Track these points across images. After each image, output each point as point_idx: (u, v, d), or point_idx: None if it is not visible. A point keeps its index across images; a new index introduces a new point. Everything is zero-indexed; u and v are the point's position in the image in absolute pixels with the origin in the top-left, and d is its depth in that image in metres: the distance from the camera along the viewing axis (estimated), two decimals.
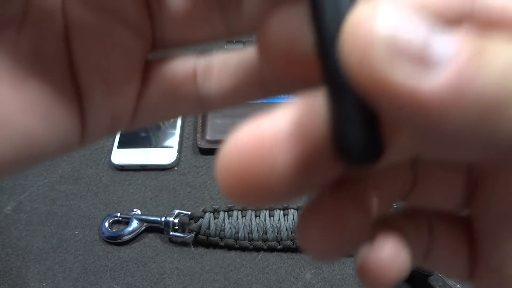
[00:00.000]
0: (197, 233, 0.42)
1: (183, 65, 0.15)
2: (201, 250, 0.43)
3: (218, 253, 0.43)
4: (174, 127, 0.52)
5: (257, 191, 0.10)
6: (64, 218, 0.46)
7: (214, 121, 0.52)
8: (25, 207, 0.46)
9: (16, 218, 0.46)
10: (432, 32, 0.07)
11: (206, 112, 0.14)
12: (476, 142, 0.08)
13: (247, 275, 0.42)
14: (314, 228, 0.11)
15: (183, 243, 0.43)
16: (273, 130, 0.10)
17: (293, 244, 0.42)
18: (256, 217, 0.43)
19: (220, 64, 0.15)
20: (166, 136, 0.51)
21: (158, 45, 0.15)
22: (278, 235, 0.42)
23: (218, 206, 0.44)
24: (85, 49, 0.13)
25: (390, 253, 0.13)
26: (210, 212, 0.43)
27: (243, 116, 0.39)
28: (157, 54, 0.15)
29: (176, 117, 0.15)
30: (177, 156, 0.50)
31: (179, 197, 0.47)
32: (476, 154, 0.08)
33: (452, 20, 0.08)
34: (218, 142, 0.50)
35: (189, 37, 0.15)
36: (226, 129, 0.51)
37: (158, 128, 0.52)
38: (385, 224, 0.13)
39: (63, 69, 0.13)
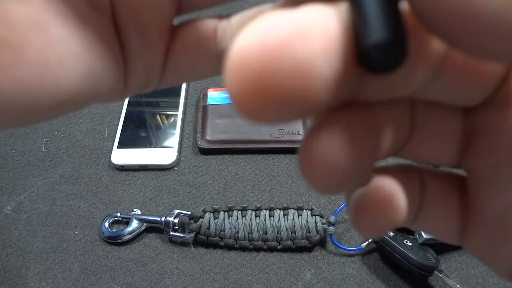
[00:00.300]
0: (197, 233, 0.42)
1: (205, 24, 0.16)
2: (201, 250, 0.43)
3: (218, 253, 0.43)
4: (174, 127, 0.52)
5: (274, 102, 0.09)
6: (64, 218, 0.46)
7: (214, 121, 0.52)
8: (25, 207, 0.46)
9: (16, 218, 0.46)
10: None
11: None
12: (504, 31, 0.08)
13: (247, 275, 0.42)
14: (325, 146, 0.10)
15: (183, 243, 0.43)
16: (301, 27, 0.09)
17: (293, 244, 0.42)
18: (256, 217, 0.43)
19: (238, 23, 0.15)
20: (166, 136, 0.51)
21: (184, 4, 0.16)
22: (278, 235, 0.42)
23: (218, 206, 0.44)
24: (126, 2, 0.15)
25: (388, 192, 0.12)
26: (210, 212, 0.43)
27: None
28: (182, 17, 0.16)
29: (199, 77, 0.16)
30: (177, 156, 0.50)
31: (179, 197, 0.47)
32: (500, 49, 0.08)
33: None
34: (218, 142, 0.50)
35: None
36: (226, 129, 0.51)
37: (158, 128, 0.52)
38: (382, 171, 0.13)
39: (109, 19, 0.15)
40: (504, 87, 0.11)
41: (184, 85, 0.57)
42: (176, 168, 0.50)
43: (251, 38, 0.08)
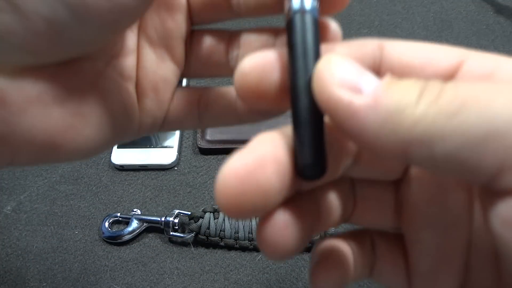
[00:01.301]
0: (197, 233, 0.42)
1: (192, 95, 0.21)
2: (201, 250, 0.43)
3: (218, 253, 0.43)
4: None
5: (247, 209, 0.14)
6: (64, 218, 0.46)
7: None
8: (25, 207, 0.46)
9: (16, 218, 0.46)
10: (360, 77, 0.13)
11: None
12: (383, 140, 0.12)
13: (247, 275, 0.42)
14: (276, 228, 0.15)
15: (183, 243, 0.43)
16: (258, 160, 0.14)
17: None
18: (256, 217, 0.43)
19: (245, 43, 0.20)
20: (166, 136, 0.51)
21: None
22: None
23: (218, 206, 0.44)
24: (146, 75, 0.20)
25: (339, 257, 0.16)
26: (210, 212, 0.43)
27: None
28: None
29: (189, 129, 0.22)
30: (177, 156, 0.50)
31: (179, 197, 0.47)
32: (385, 151, 0.13)
33: (370, 67, 0.15)
34: (218, 142, 0.50)
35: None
36: (226, 129, 0.51)
37: None
38: (337, 237, 0.17)
39: (133, 86, 0.20)
40: (411, 167, 0.16)
41: (184, 85, 0.57)
42: (176, 168, 0.50)
43: (228, 171, 0.13)
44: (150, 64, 0.20)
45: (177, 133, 0.51)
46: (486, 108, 0.11)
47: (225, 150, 0.51)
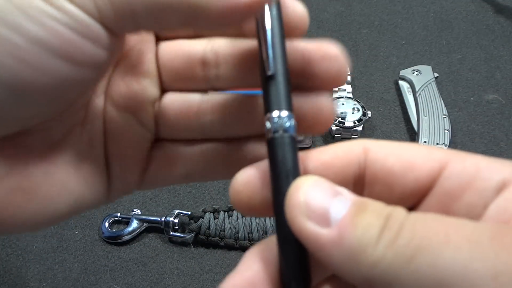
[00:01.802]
0: (197, 233, 0.42)
1: (174, 160, 0.21)
2: (201, 250, 0.43)
3: (218, 253, 0.43)
4: None
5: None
6: None
7: None
8: None
9: None
10: (330, 202, 0.13)
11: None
12: (348, 274, 0.13)
13: None
14: None
15: (183, 243, 0.43)
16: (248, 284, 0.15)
17: None
18: (256, 217, 0.43)
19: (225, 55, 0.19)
20: None
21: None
22: None
23: (218, 206, 0.44)
24: (115, 144, 0.20)
25: None
26: (210, 212, 0.43)
27: None
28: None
29: (172, 184, 0.23)
30: None
31: (179, 197, 0.47)
32: (353, 282, 0.13)
33: (355, 174, 0.16)
34: None
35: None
36: None
37: None
38: None
39: (102, 155, 0.20)
40: None
41: None
42: None
43: None
44: (117, 129, 0.19)
45: None
46: (436, 258, 0.12)
47: None
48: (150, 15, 0.15)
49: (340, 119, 0.50)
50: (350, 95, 0.54)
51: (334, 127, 0.50)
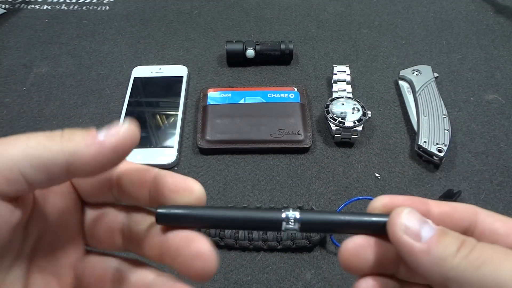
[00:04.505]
0: None
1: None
2: None
3: (218, 253, 0.43)
4: (174, 127, 0.52)
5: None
6: None
7: (214, 121, 0.52)
8: None
9: None
10: (421, 226, 0.19)
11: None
12: (431, 275, 0.18)
13: (247, 275, 0.42)
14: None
15: None
16: None
17: (293, 244, 0.42)
18: None
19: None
20: (166, 136, 0.51)
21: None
22: (278, 235, 0.42)
23: (218, 206, 0.44)
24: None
25: None
26: None
27: (242, 116, 0.40)
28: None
29: None
30: (177, 156, 0.50)
31: None
32: (432, 281, 0.18)
33: (465, 228, 0.20)
34: (218, 142, 0.50)
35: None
36: (226, 129, 0.51)
37: (158, 128, 0.52)
38: None
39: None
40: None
41: (184, 85, 0.57)
42: (176, 168, 0.50)
43: None
44: None
45: (177, 133, 0.51)
46: (497, 269, 0.17)
47: (225, 150, 0.51)
48: (39, 172, 0.17)
49: (340, 119, 0.50)
50: (350, 95, 0.54)
51: (334, 127, 0.50)
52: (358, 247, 0.20)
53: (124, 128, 0.18)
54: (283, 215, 0.20)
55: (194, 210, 0.21)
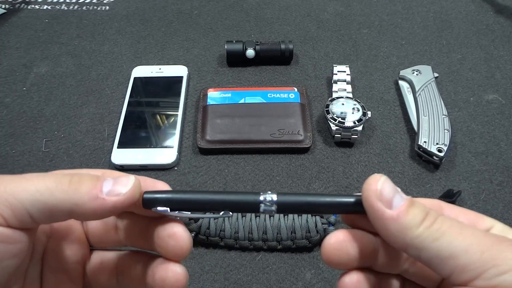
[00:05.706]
0: (197, 233, 0.42)
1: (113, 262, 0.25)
2: (201, 250, 0.43)
3: (218, 253, 0.43)
4: (174, 127, 0.52)
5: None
6: None
7: (214, 121, 0.52)
8: None
9: None
10: (394, 195, 0.20)
11: None
12: (395, 240, 0.20)
13: (247, 275, 0.42)
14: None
15: None
16: None
17: (293, 244, 0.42)
18: (256, 217, 0.43)
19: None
20: (166, 136, 0.51)
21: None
22: (278, 235, 0.42)
23: None
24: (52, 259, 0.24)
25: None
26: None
27: (242, 116, 0.40)
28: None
29: None
30: (177, 156, 0.50)
31: None
32: (395, 245, 0.20)
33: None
34: (218, 142, 0.50)
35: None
36: (226, 129, 0.51)
37: (158, 128, 0.52)
38: None
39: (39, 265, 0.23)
40: (443, 283, 0.23)
41: (184, 85, 0.57)
42: (176, 168, 0.50)
43: None
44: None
45: (177, 133, 0.51)
46: (453, 240, 0.19)
47: (225, 150, 0.51)
48: (43, 215, 0.19)
49: (340, 119, 0.50)
50: (350, 95, 0.54)
51: (334, 127, 0.50)
52: (340, 241, 0.22)
53: (127, 189, 0.20)
54: (261, 198, 0.21)
55: (176, 194, 0.22)
